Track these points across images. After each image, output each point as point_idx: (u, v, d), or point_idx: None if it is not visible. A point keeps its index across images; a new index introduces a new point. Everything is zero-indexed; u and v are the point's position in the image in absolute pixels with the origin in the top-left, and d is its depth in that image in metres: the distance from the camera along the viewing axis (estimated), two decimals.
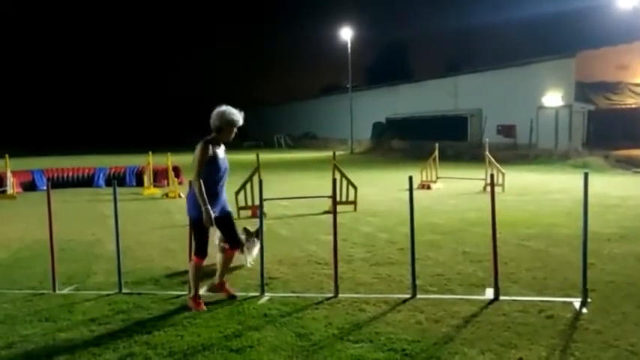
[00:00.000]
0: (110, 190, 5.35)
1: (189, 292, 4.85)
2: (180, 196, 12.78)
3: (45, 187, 17.20)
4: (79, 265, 6.41)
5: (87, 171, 16.82)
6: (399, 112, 37.95)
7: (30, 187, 15.59)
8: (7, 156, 14.12)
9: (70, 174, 16.63)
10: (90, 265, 6.46)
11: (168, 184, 14.68)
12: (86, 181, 16.37)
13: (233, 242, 5.04)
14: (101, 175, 16.52)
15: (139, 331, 4.24)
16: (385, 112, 39.71)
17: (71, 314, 4.70)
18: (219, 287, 5.07)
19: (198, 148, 4.66)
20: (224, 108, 4.78)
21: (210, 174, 4.66)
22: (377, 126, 40.45)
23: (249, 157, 16.86)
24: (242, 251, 6.02)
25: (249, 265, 6.11)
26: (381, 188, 14.39)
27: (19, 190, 14.94)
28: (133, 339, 4.09)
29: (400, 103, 39.04)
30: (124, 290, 5.28)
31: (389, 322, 4.33)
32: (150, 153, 14.72)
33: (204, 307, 4.72)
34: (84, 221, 9.77)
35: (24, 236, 8.35)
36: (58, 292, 5.33)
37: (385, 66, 59.85)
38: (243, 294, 5.13)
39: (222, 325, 4.35)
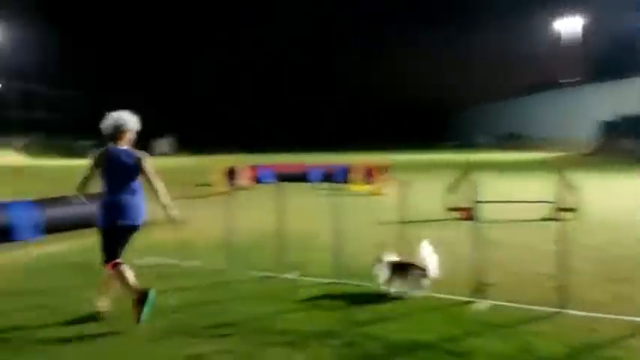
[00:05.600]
0: (325, 185, 5.70)
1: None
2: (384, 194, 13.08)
3: (268, 181, 19.09)
4: (301, 254, 6.94)
5: (303, 169, 18.72)
6: (634, 109, 33.08)
7: (255, 180, 17.88)
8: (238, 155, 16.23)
9: (288, 171, 18.59)
10: (310, 254, 6.95)
11: (374, 182, 15.18)
12: (301, 178, 17.99)
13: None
14: (316, 173, 18.03)
15: (357, 322, 4.43)
16: (612, 108, 35.03)
17: (296, 296, 5.15)
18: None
19: None
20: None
21: None
22: (606, 124, 35.87)
23: (453, 157, 16.43)
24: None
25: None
26: (612, 195, 12.71)
27: (251, 182, 17.17)
28: (352, 329, 4.28)
29: (634, 98, 34.02)
30: (341, 280, 5.59)
31: (628, 348, 3.79)
32: (363, 154, 15.33)
33: None
34: (307, 214, 10.45)
35: (257, 225, 9.26)
36: (284, 276, 5.88)
37: (613, 57, 52.66)
38: (459, 298, 5.02)
39: (437, 327, 4.31)
